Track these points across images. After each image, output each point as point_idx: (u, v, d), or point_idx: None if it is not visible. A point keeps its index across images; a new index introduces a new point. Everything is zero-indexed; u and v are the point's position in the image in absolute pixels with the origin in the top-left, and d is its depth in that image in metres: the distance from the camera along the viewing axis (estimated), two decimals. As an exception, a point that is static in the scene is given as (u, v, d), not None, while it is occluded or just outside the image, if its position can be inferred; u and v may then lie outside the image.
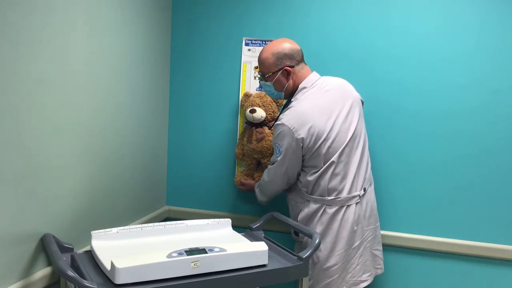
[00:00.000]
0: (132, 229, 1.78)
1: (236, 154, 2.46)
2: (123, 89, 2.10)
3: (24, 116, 1.50)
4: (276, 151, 2.02)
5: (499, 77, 2.18)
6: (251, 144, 2.34)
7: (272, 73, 2.04)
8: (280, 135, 1.97)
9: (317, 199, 2.02)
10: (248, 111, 2.29)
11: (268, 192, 2.17)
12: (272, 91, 2.10)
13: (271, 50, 2.03)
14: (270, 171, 2.08)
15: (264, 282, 1.65)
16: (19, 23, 1.44)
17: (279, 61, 2.02)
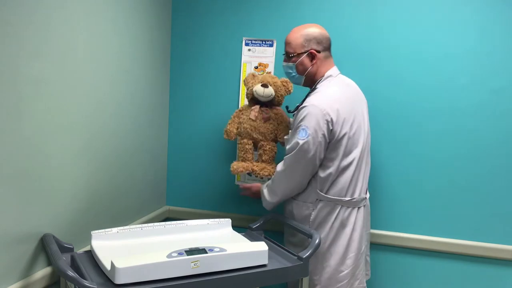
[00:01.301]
0: (132, 229, 1.78)
1: (227, 131, 2.21)
2: (123, 89, 2.10)
3: (24, 116, 1.50)
4: (302, 134, 1.88)
5: (500, 76, 2.18)
6: (256, 121, 2.15)
7: (298, 53, 1.99)
8: (307, 116, 1.88)
9: (333, 199, 1.96)
10: (259, 85, 2.14)
11: (282, 188, 2.01)
12: (293, 74, 2.04)
13: (301, 31, 2.00)
14: (290, 160, 1.92)
15: (264, 282, 1.65)
16: (19, 23, 1.44)
17: (307, 43, 1.98)
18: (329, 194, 1.96)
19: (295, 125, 1.94)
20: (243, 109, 2.21)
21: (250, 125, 2.16)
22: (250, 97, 2.19)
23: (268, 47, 2.44)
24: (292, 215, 2.05)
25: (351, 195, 1.98)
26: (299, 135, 1.89)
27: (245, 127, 2.16)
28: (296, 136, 1.90)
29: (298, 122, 1.91)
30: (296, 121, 1.93)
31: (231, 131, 2.20)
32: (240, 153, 2.20)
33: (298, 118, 1.92)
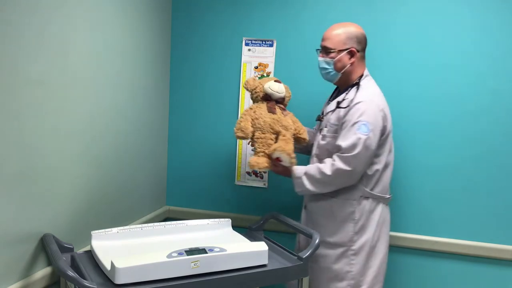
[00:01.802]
0: (132, 229, 1.78)
1: (243, 128, 2.03)
2: (123, 89, 2.10)
3: (24, 116, 1.49)
4: (363, 129, 1.86)
5: (499, 78, 2.18)
6: (276, 114, 2.04)
7: (338, 50, 1.97)
8: (366, 112, 1.87)
9: (376, 196, 1.98)
10: (273, 80, 2.08)
11: (340, 184, 1.94)
12: (329, 70, 2.00)
13: (343, 28, 1.99)
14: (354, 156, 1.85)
15: (264, 282, 1.65)
16: (19, 23, 1.44)
17: (349, 41, 1.97)
18: (374, 191, 1.97)
19: (350, 121, 1.89)
20: (255, 107, 2.10)
21: (272, 119, 2.03)
22: (262, 95, 2.10)
23: (268, 47, 2.44)
24: (331, 213, 2.00)
25: (390, 192, 2.05)
26: (360, 130, 1.86)
27: (266, 121, 2.02)
28: (356, 132, 1.86)
29: (356, 117, 1.87)
30: (351, 116, 1.89)
31: (247, 128, 2.03)
32: (260, 148, 2.03)
33: (354, 114, 1.88)
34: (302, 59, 2.40)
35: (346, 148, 1.86)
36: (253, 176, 2.53)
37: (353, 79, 2.01)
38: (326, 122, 2.03)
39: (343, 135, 1.90)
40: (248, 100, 2.49)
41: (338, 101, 2.00)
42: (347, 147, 1.86)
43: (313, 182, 1.94)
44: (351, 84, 2.01)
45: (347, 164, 1.86)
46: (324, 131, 2.02)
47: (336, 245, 1.98)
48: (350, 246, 1.97)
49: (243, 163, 2.53)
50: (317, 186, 1.94)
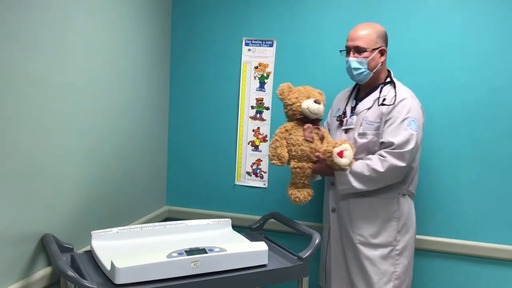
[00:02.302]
0: (132, 229, 1.78)
1: (279, 156, 1.93)
2: (123, 89, 2.10)
3: (24, 116, 1.50)
4: (413, 126, 1.89)
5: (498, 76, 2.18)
6: (314, 142, 1.94)
7: (372, 49, 1.97)
8: (413, 108, 1.92)
9: (410, 193, 2.03)
10: (311, 101, 1.94)
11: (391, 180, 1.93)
12: (362, 70, 1.98)
13: (373, 28, 2.00)
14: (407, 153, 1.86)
15: (264, 282, 1.65)
16: (18, 23, 1.44)
17: (379, 40, 1.98)
18: (410, 188, 2.02)
19: (397, 117, 1.90)
20: (290, 129, 1.97)
21: (310, 147, 1.93)
22: (298, 115, 1.97)
23: (268, 47, 2.44)
24: (372, 213, 1.98)
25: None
26: (410, 126, 1.89)
27: (303, 149, 1.92)
28: (407, 127, 1.88)
29: (404, 114, 1.90)
30: (398, 113, 1.91)
31: (284, 156, 1.93)
32: (299, 180, 1.95)
33: (402, 110, 1.91)
34: (302, 59, 2.40)
35: (400, 144, 1.86)
36: (253, 176, 2.53)
37: (382, 77, 2.04)
38: (361, 120, 2.01)
39: (392, 131, 1.90)
40: (249, 100, 2.49)
41: (376, 99, 2.00)
42: (401, 142, 1.86)
43: (360, 180, 1.91)
44: (380, 82, 2.03)
45: (401, 160, 1.86)
46: (360, 129, 2.00)
47: (381, 245, 1.98)
48: (395, 246, 1.98)
49: (243, 163, 2.53)
50: (364, 183, 1.91)
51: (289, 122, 2.01)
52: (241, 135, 2.51)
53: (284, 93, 2.01)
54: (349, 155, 1.89)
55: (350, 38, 2.00)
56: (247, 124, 2.51)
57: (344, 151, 1.88)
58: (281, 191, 2.47)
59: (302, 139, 1.93)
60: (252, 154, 2.52)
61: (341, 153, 1.88)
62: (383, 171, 1.87)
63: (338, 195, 2.03)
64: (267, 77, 2.46)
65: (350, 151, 1.90)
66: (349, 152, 1.89)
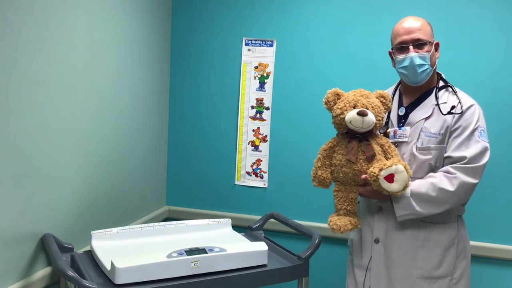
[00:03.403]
0: (132, 229, 1.78)
1: (320, 178, 1.71)
2: (123, 89, 2.10)
3: (24, 116, 1.50)
4: (485, 136, 1.67)
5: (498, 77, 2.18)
6: (357, 164, 1.65)
7: (431, 42, 1.72)
8: (481, 117, 1.70)
9: (463, 211, 1.80)
10: (354, 112, 1.63)
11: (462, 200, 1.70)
12: (426, 67, 1.71)
13: (424, 19, 1.76)
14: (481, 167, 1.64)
15: (264, 282, 1.65)
16: (18, 23, 1.44)
17: (432, 33, 1.76)
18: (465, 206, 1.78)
19: (467, 127, 1.66)
20: (335, 145, 1.71)
21: (353, 169, 1.67)
22: (343, 128, 1.70)
23: (268, 47, 2.44)
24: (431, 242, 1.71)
25: None
26: (482, 137, 1.66)
27: (346, 171, 1.67)
28: (479, 139, 1.65)
29: (474, 123, 1.67)
30: (467, 122, 1.67)
31: (326, 178, 1.70)
32: (342, 205, 1.70)
33: (471, 119, 1.67)
34: (302, 59, 2.40)
35: (473, 158, 1.62)
36: (253, 176, 2.53)
37: (434, 79, 1.78)
38: (418, 131, 1.72)
39: (461, 143, 1.65)
40: (249, 100, 2.49)
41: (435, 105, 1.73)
42: (474, 156, 1.62)
43: (425, 203, 1.63)
44: (433, 85, 1.77)
45: (474, 176, 1.62)
46: (419, 143, 1.71)
47: (441, 277, 1.74)
48: (453, 275, 1.75)
49: (243, 163, 2.53)
50: (430, 206, 1.63)
51: (337, 135, 1.76)
52: (241, 135, 2.51)
53: (329, 102, 1.73)
54: (401, 179, 1.57)
55: (406, 31, 1.71)
56: (247, 124, 2.51)
57: (395, 174, 1.57)
58: (281, 191, 2.47)
59: (344, 159, 1.66)
60: (252, 154, 2.52)
61: (390, 176, 1.57)
62: (453, 190, 1.60)
63: (387, 222, 1.75)
64: (267, 77, 2.46)
65: (404, 174, 1.57)
66: (402, 175, 1.57)
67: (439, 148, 1.69)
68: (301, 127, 2.44)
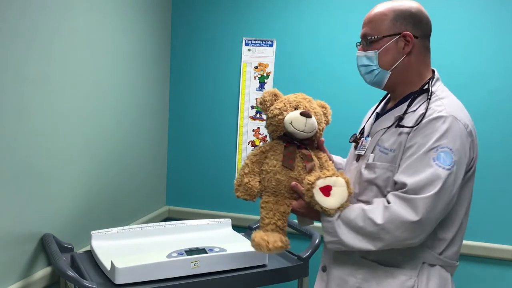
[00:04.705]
0: (132, 229, 1.78)
1: (247, 186, 1.42)
2: (123, 89, 2.10)
3: (25, 116, 1.50)
4: (444, 160, 1.20)
5: (496, 77, 2.18)
6: (294, 171, 1.36)
7: (384, 36, 1.33)
8: (449, 133, 1.22)
9: (447, 263, 1.31)
10: (298, 113, 1.36)
11: (397, 243, 1.22)
12: (372, 67, 1.37)
13: (392, 4, 1.36)
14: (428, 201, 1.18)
15: (264, 282, 1.65)
16: (18, 24, 1.44)
17: (400, 22, 1.32)
18: (444, 255, 1.30)
19: (422, 145, 1.23)
20: (268, 150, 1.42)
21: (289, 177, 1.36)
22: (280, 131, 1.40)
23: (268, 47, 2.44)
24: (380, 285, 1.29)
25: (458, 258, 1.36)
26: (440, 161, 1.20)
27: (280, 179, 1.36)
28: (432, 163, 1.20)
29: (433, 141, 1.22)
30: (424, 138, 1.23)
31: (253, 187, 1.41)
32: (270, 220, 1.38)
33: (430, 134, 1.23)
34: (302, 59, 2.40)
35: (415, 187, 1.19)
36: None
37: (413, 81, 1.35)
38: (374, 144, 1.36)
39: (410, 166, 1.23)
40: (249, 100, 2.49)
41: (397, 116, 1.33)
42: (417, 185, 1.19)
43: (349, 231, 1.26)
44: (413, 90, 1.35)
45: (413, 211, 1.18)
46: (370, 158, 1.35)
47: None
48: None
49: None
50: (354, 237, 1.25)
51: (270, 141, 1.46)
52: (241, 135, 2.51)
53: (265, 102, 1.45)
54: (339, 193, 1.27)
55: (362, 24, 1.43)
56: (247, 124, 2.51)
57: (333, 187, 1.27)
58: (281, 191, 2.47)
59: (279, 166, 1.36)
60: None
61: (327, 188, 1.27)
62: (381, 223, 1.21)
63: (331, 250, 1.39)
64: (267, 77, 2.46)
65: (344, 190, 1.28)
66: (341, 190, 1.28)
67: (386, 168, 1.30)
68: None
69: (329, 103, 2.27)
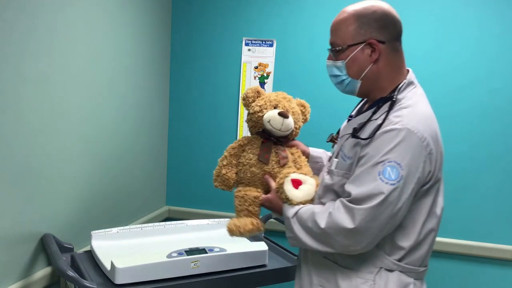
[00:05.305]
0: (132, 229, 1.78)
1: (224, 177, 1.53)
2: (123, 89, 2.10)
3: (25, 116, 1.49)
4: (389, 175, 1.19)
5: (497, 77, 2.18)
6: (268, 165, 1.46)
7: (349, 46, 1.31)
8: (401, 146, 1.19)
9: (407, 269, 1.31)
10: (275, 112, 1.46)
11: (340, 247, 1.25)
12: (342, 77, 1.36)
13: (354, 10, 1.32)
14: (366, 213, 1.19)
15: (264, 282, 1.65)
16: (19, 23, 1.44)
17: (364, 29, 1.29)
18: (404, 261, 1.30)
19: (371, 157, 1.22)
20: (246, 144, 1.52)
21: (263, 170, 1.47)
22: (259, 127, 1.51)
23: (268, 47, 2.44)
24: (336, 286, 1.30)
25: (426, 263, 1.38)
26: (384, 175, 1.19)
27: (255, 172, 1.47)
28: (377, 176, 1.20)
29: (381, 154, 1.20)
30: (374, 150, 1.22)
31: (230, 178, 1.52)
32: (242, 206, 1.50)
33: (380, 147, 1.21)
34: (302, 59, 2.40)
35: (357, 198, 1.21)
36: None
37: (384, 87, 1.33)
38: (339, 149, 1.37)
39: (357, 176, 1.24)
40: (248, 100, 2.49)
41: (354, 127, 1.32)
42: (359, 196, 1.21)
43: (304, 230, 1.30)
44: (384, 95, 1.32)
45: (351, 219, 1.21)
46: (333, 164, 1.36)
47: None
48: None
49: (243, 163, 2.53)
50: (309, 237, 1.29)
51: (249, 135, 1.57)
52: (241, 135, 2.51)
53: (248, 98, 1.54)
54: (306, 190, 1.36)
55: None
56: (247, 124, 2.50)
57: (303, 183, 1.37)
58: (281, 191, 2.47)
59: (255, 159, 1.47)
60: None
61: (297, 182, 1.36)
62: (323, 227, 1.24)
63: None
64: (267, 77, 2.46)
65: (312, 188, 1.37)
66: (309, 188, 1.36)
67: (342, 175, 1.31)
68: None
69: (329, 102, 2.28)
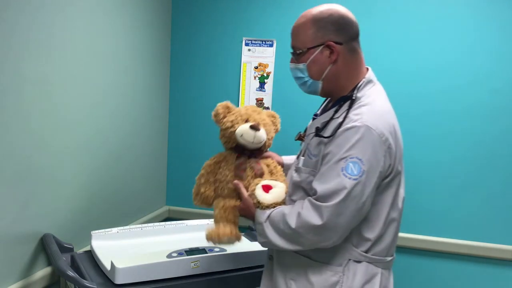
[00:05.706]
0: (132, 229, 1.78)
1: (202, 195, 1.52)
2: (123, 89, 2.10)
3: (25, 116, 1.50)
4: (352, 170, 1.24)
5: (498, 77, 2.18)
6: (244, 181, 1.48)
7: (308, 49, 1.36)
8: (361, 143, 1.25)
9: (374, 259, 1.34)
10: (247, 126, 1.49)
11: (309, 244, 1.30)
12: (305, 79, 1.40)
13: (312, 15, 1.38)
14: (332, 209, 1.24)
15: (264, 282, 1.64)
16: (19, 23, 1.44)
17: (322, 32, 1.35)
18: (371, 253, 1.34)
19: (334, 154, 1.27)
20: (221, 161, 1.56)
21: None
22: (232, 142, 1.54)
23: (268, 47, 2.44)
24: (307, 280, 1.34)
25: (392, 253, 1.42)
26: (347, 171, 1.24)
27: (231, 188, 1.49)
28: (340, 172, 1.24)
29: (343, 151, 1.25)
30: (337, 147, 1.27)
31: (209, 196, 1.52)
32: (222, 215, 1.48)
33: (342, 144, 1.26)
34: (302, 59, 2.40)
35: (322, 195, 1.25)
36: (253, 176, 2.53)
37: (344, 86, 1.38)
38: (305, 147, 1.42)
39: (322, 174, 1.29)
40: (249, 100, 2.49)
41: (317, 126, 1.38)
42: (325, 193, 1.25)
43: (276, 233, 1.33)
44: (345, 94, 1.38)
45: (319, 216, 1.25)
46: (300, 162, 1.40)
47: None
48: None
49: (243, 163, 2.53)
50: (283, 240, 1.33)
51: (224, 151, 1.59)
52: (241, 135, 2.51)
53: (218, 115, 1.56)
54: (276, 192, 1.40)
55: None
56: (247, 124, 2.50)
57: (273, 187, 1.41)
58: (281, 191, 2.47)
59: (231, 175, 1.49)
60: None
61: (267, 187, 1.41)
62: (294, 227, 1.28)
63: None
64: (267, 77, 2.46)
65: (282, 191, 1.40)
66: (279, 190, 1.40)
67: (309, 172, 1.36)
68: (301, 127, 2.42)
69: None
